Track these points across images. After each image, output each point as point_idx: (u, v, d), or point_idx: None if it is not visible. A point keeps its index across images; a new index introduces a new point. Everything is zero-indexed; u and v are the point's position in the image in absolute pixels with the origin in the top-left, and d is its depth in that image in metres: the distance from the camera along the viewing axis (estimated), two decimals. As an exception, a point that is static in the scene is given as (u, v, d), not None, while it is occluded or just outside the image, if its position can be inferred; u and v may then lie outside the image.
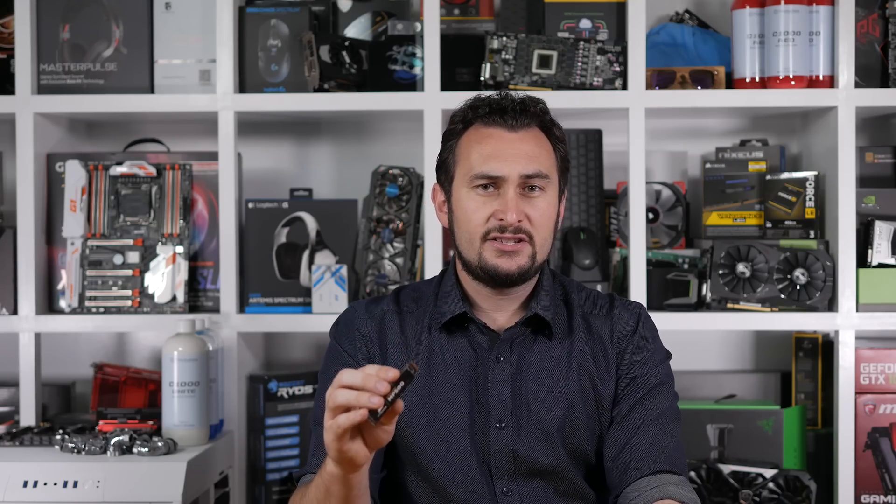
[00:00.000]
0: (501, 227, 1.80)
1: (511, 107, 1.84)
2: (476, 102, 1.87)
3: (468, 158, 1.84)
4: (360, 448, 1.56)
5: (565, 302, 1.92)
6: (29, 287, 2.66)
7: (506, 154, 1.81)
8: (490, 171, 1.81)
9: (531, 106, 1.85)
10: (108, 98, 2.70)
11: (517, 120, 1.83)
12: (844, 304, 2.59)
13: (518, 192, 1.81)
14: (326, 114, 2.82)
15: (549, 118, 1.87)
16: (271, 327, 2.69)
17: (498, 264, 1.81)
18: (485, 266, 1.81)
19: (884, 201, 2.67)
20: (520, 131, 1.83)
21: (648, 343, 1.90)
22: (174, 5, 2.73)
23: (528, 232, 1.81)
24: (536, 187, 1.82)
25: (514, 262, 1.81)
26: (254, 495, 2.70)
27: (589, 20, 2.73)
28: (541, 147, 1.84)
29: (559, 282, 1.95)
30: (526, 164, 1.81)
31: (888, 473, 2.61)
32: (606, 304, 1.93)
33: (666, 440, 1.83)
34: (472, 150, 1.84)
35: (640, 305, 1.95)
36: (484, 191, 1.82)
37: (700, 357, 2.93)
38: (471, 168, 1.83)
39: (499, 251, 1.80)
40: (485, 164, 1.81)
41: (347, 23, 2.81)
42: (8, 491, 2.21)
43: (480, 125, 1.85)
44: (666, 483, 1.78)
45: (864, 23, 2.68)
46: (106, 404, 2.76)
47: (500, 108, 1.84)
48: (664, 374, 1.89)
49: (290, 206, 2.73)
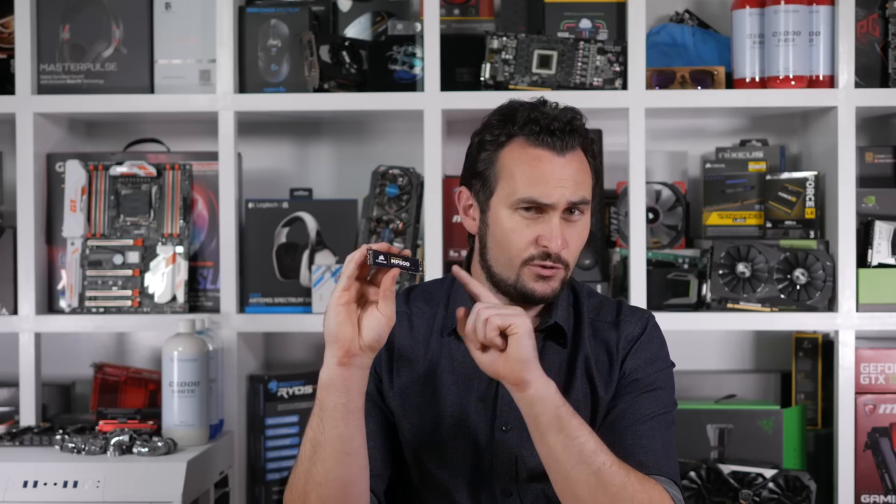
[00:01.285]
0: (545, 254, 1.79)
1: (559, 128, 1.80)
2: (520, 115, 1.82)
3: (513, 177, 1.80)
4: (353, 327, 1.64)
5: (575, 307, 1.92)
6: (29, 287, 2.66)
7: (555, 180, 1.78)
8: (539, 198, 1.78)
9: (576, 123, 1.82)
10: (108, 98, 2.70)
11: (564, 141, 1.80)
12: (844, 304, 2.59)
13: (561, 218, 1.80)
14: (326, 114, 2.82)
15: (589, 137, 1.85)
16: (271, 327, 2.69)
17: (535, 288, 1.81)
18: (522, 289, 1.81)
19: (884, 201, 2.67)
20: (566, 154, 1.80)
21: (652, 349, 1.89)
22: (174, 5, 2.73)
23: (566, 261, 1.81)
24: (577, 211, 1.81)
25: (549, 286, 1.81)
26: (254, 495, 2.70)
27: (589, 20, 2.73)
28: (584, 172, 1.82)
29: (570, 286, 1.94)
30: (574, 190, 1.79)
31: (888, 473, 2.61)
32: (614, 312, 1.92)
33: (656, 444, 1.82)
34: (518, 171, 1.80)
35: (649, 313, 1.94)
36: (527, 213, 1.80)
37: (700, 357, 2.93)
38: (516, 190, 1.79)
39: (537, 276, 1.80)
40: (533, 189, 1.78)
41: (347, 23, 2.81)
42: (8, 491, 2.21)
43: (526, 143, 1.80)
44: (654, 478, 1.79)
45: (864, 23, 2.68)
46: (106, 404, 2.76)
47: (548, 129, 1.79)
48: (664, 380, 1.88)
49: (290, 206, 2.73)
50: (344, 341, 1.64)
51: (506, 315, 1.63)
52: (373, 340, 1.64)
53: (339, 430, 1.67)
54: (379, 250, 1.63)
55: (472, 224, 1.88)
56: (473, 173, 1.86)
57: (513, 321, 1.63)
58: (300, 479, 1.71)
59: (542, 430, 1.66)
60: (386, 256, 1.63)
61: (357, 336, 1.64)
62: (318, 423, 1.68)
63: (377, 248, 1.63)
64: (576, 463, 1.66)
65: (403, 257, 1.64)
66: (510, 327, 1.63)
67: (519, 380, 1.64)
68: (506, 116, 1.83)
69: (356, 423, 1.69)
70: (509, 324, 1.63)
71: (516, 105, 1.84)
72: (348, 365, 1.65)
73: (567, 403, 1.68)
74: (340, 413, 1.66)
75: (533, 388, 1.65)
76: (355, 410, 1.68)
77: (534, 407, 1.66)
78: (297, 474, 1.73)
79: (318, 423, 1.68)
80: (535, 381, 1.65)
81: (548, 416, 1.65)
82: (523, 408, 1.67)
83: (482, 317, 1.64)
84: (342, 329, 1.64)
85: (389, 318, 1.65)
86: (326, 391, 1.66)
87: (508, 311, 1.65)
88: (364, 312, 1.66)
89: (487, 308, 1.64)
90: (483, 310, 1.64)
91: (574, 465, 1.66)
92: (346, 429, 1.67)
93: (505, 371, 1.64)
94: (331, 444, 1.67)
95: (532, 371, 1.65)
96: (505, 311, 1.64)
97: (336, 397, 1.66)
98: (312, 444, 1.69)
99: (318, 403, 1.68)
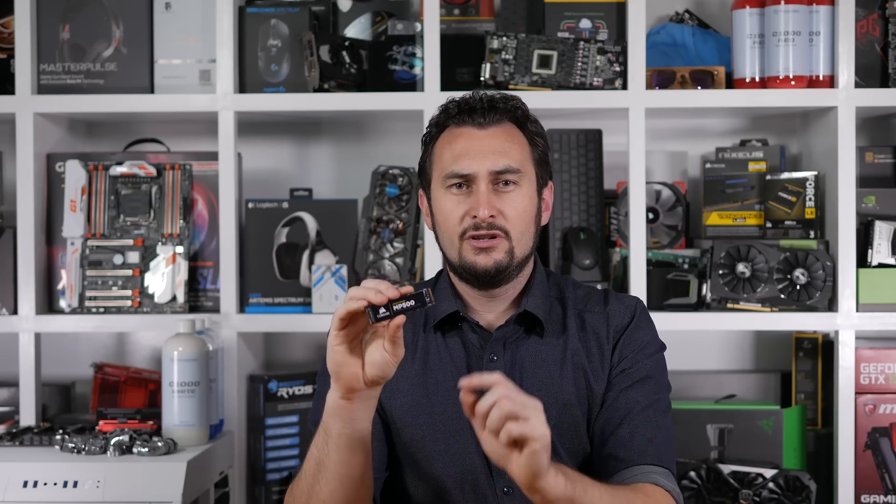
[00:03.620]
0: (476, 224, 1.80)
1: (479, 105, 1.85)
2: (448, 104, 1.88)
3: (441, 159, 1.85)
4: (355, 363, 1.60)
5: (560, 300, 1.92)
6: (29, 287, 2.66)
7: (474, 151, 1.82)
8: (460, 170, 1.82)
9: (501, 103, 1.86)
10: (108, 98, 2.70)
11: (486, 117, 1.84)
12: (844, 304, 2.59)
13: (491, 189, 1.81)
14: (326, 114, 2.82)
15: (522, 112, 1.87)
16: (271, 327, 2.69)
17: (476, 261, 1.81)
18: (464, 264, 1.82)
19: (884, 201, 2.67)
20: (488, 128, 1.84)
21: (642, 335, 1.90)
22: (174, 5, 2.73)
23: (502, 227, 1.81)
24: (510, 182, 1.83)
25: (490, 257, 1.81)
26: (254, 495, 2.70)
27: (589, 20, 2.73)
28: (511, 141, 1.85)
29: (554, 280, 1.95)
30: (495, 159, 1.82)
31: (888, 473, 2.61)
32: (601, 300, 1.93)
33: (652, 432, 1.82)
34: (445, 151, 1.85)
35: (637, 299, 1.95)
36: (458, 189, 1.83)
37: (700, 357, 2.93)
38: (444, 168, 1.84)
39: (476, 248, 1.81)
40: (455, 163, 1.82)
41: (347, 23, 2.81)
42: (8, 491, 2.21)
43: (453, 126, 1.86)
44: (650, 472, 1.79)
45: (864, 23, 2.68)
46: (106, 404, 2.76)
47: (469, 108, 1.85)
48: (654, 367, 1.89)
49: (290, 206, 2.73)
50: (346, 379, 1.62)
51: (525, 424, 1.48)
52: (376, 377, 1.62)
53: (342, 456, 1.67)
54: (378, 304, 1.55)
55: (429, 221, 1.91)
56: (420, 172, 1.92)
57: (533, 434, 1.48)
58: (303, 492, 1.72)
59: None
60: (388, 307, 1.54)
61: (360, 372, 1.62)
62: (324, 446, 1.68)
63: (376, 302, 1.56)
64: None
65: (407, 297, 1.56)
66: (529, 441, 1.48)
67: (530, 486, 1.53)
68: (439, 112, 1.89)
69: (361, 451, 1.68)
70: (528, 436, 1.48)
71: (450, 100, 1.89)
72: (353, 399, 1.64)
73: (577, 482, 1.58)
74: (345, 442, 1.67)
75: (544, 493, 1.54)
76: (360, 441, 1.67)
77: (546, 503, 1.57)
78: (299, 486, 1.73)
79: (323, 444, 1.68)
80: (546, 487, 1.53)
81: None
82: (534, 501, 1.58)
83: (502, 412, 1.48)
84: (342, 368, 1.62)
85: (397, 357, 1.61)
86: (332, 419, 1.66)
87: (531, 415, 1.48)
88: (370, 345, 1.62)
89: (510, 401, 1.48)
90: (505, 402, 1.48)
91: None
92: (351, 457, 1.68)
93: (517, 475, 1.52)
94: (335, 468, 1.68)
95: (544, 479, 1.52)
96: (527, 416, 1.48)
97: (341, 427, 1.66)
98: (317, 463, 1.70)
99: (325, 427, 1.68)
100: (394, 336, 1.60)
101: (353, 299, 1.59)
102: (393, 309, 1.55)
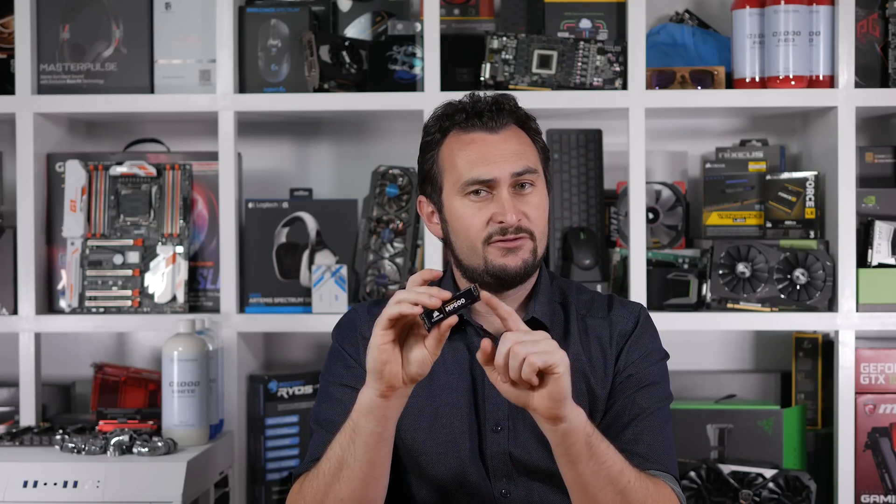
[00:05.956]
0: (503, 229, 1.80)
1: (487, 108, 1.83)
2: (449, 110, 1.86)
3: (455, 166, 1.83)
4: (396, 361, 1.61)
5: (563, 305, 1.92)
6: (29, 287, 2.66)
7: (492, 156, 1.81)
8: (481, 176, 1.80)
9: (505, 104, 1.85)
10: (108, 98, 2.70)
11: (495, 120, 1.83)
12: (844, 304, 2.59)
13: (511, 192, 1.81)
14: (326, 114, 2.82)
15: (523, 113, 1.88)
16: (271, 327, 2.69)
17: (505, 263, 1.80)
18: (492, 268, 1.81)
19: (884, 201, 2.67)
20: (500, 132, 1.83)
21: (646, 342, 1.90)
22: (174, 5, 2.73)
23: (528, 229, 1.81)
24: (527, 184, 1.83)
25: (518, 258, 1.81)
26: (254, 495, 2.70)
27: (589, 20, 2.73)
28: (523, 143, 1.84)
29: (558, 284, 1.95)
30: (514, 162, 1.81)
31: (888, 473, 2.61)
32: (605, 306, 1.93)
33: (656, 439, 1.82)
34: (457, 158, 1.83)
35: (640, 305, 1.95)
36: (477, 196, 1.82)
37: (700, 357, 2.94)
38: (460, 176, 1.82)
39: (504, 249, 1.80)
40: (474, 170, 1.81)
41: (347, 23, 2.81)
42: (8, 491, 2.21)
43: (459, 131, 1.84)
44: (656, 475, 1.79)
45: (864, 23, 2.68)
46: (106, 404, 2.76)
47: (476, 112, 1.83)
48: (659, 374, 1.89)
49: (290, 206, 2.73)
50: (388, 377, 1.63)
51: (545, 354, 1.56)
52: (416, 374, 1.64)
53: (370, 455, 1.68)
54: (431, 307, 1.58)
55: (437, 228, 1.90)
56: (424, 178, 1.89)
57: (554, 360, 1.56)
58: (319, 490, 1.73)
59: (573, 458, 1.64)
60: (441, 310, 1.57)
61: (401, 370, 1.63)
62: (350, 445, 1.69)
63: (431, 306, 1.58)
64: (604, 486, 1.66)
65: (456, 295, 1.57)
66: (551, 367, 1.56)
67: (554, 416, 1.60)
68: (439, 116, 1.87)
69: (387, 449, 1.70)
70: (551, 364, 1.56)
71: (447, 103, 1.88)
72: (390, 397, 1.65)
73: (595, 428, 1.66)
74: (374, 441, 1.68)
75: (567, 422, 1.61)
76: (388, 439, 1.69)
77: (566, 438, 1.63)
78: (315, 486, 1.74)
79: (348, 443, 1.69)
80: (569, 415, 1.60)
81: (579, 445, 1.63)
82: (554, 439, 1.64)
83: (519, 356, 1.56)
84: (387, 367, 1.63)
85: (435, 356, 1.63)
86: (365, 418, 1.67)
87: (546, 346, 1.57)
88: (410, 342, 1.64)
89: (522, 344, 1.57)
90: (518, 346, 1.57)
91: (602, 487, 1.66)
92: (378, 455, 1.69)
93: (539, 407, 1.59)
94: (360, 467, 1.69)
95: (567, 406, 1.60)
96: (543, 349, 1.57)
97: (373, 426, 1.67)
98: (339, 462, 1.70)
99: (353, 426, 1.68)
100: (443, 336, 1.61)
101: (403, 302, 1.60)
102: (445, 311, 1.57)
